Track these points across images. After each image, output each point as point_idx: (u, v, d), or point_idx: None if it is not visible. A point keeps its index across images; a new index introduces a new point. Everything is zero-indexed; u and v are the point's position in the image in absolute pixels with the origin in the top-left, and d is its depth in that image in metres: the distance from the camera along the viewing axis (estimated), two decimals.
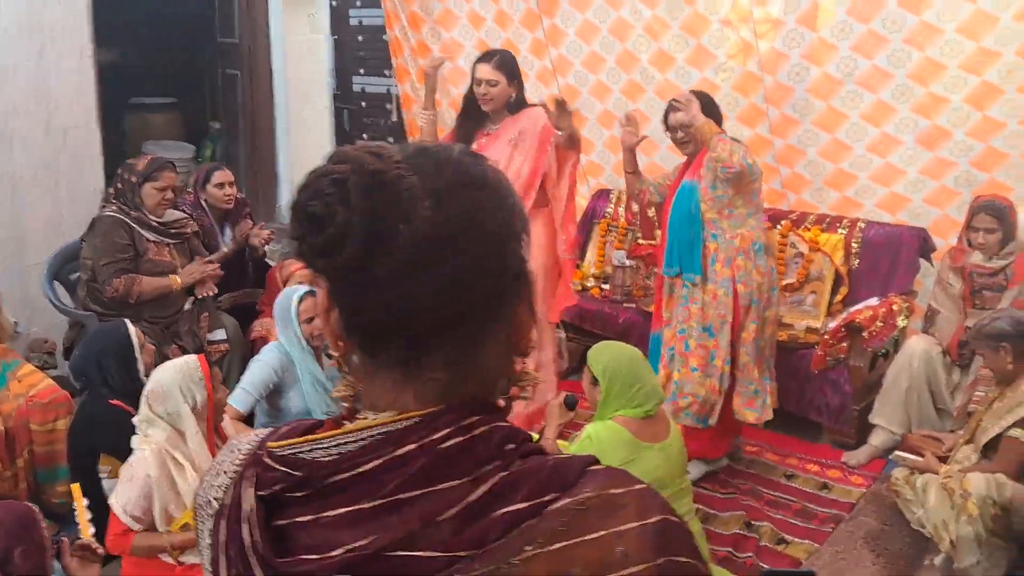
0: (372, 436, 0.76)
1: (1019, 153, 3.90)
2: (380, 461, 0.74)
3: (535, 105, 3.91)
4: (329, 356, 3.49)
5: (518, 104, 3.84)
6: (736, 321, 3.53)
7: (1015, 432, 2.99)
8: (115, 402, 3.05)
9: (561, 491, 0.74)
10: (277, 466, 0.78)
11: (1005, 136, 3.91)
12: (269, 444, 0.81)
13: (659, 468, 2.77)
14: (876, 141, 4.27)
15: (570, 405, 3.00)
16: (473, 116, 3.89)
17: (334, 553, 0.72)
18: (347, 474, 0.74)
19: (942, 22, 3.90)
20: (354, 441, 0.76)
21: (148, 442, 2.72)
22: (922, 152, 4.16)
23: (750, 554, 3.23)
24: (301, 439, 0.78)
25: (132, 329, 3.25)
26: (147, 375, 3.02)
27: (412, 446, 0.74)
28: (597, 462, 0.79)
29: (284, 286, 4.30)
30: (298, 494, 0.76)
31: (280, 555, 0.75)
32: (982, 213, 3.68)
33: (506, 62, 3.82)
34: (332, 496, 0.75)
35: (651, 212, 4.88)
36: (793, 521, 3.44)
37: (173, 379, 2.77)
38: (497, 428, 0.78)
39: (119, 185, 4.08)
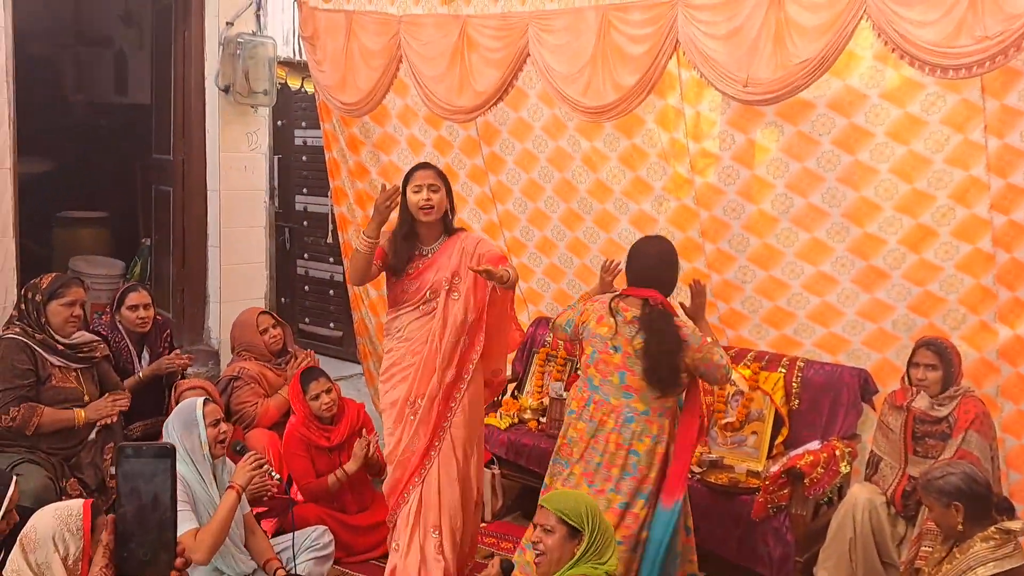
0: None
1: (956, 299, 3.86)
2: None
3: (463, 229, 3.80)
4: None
5: (451, 225, 3.69)
6: None
7: None
8: None
9: None
10: None
11: (942, 281, 3.88)
12: None
13: None
14: (813, 280, 4.22)
15: (507, 572, 2.77)
16: (409, 236, 3.67)
17: None
18: None
19: (876, 162, 3.91)
20: None
21: None
22: (860, 293, 4.11)
23: None
24: None
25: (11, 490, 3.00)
26: None
27: None
28: None
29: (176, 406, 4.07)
30: None
31: None
32: (923, 348, 3.61)
33: (443, 174, 3.70)
34: None
35: None
36: None
37: (48, 525, 2.49)
38: None
39: (23, 306, 3.86)
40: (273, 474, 3.50)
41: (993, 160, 3.61)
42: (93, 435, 3.88)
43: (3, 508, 2.75)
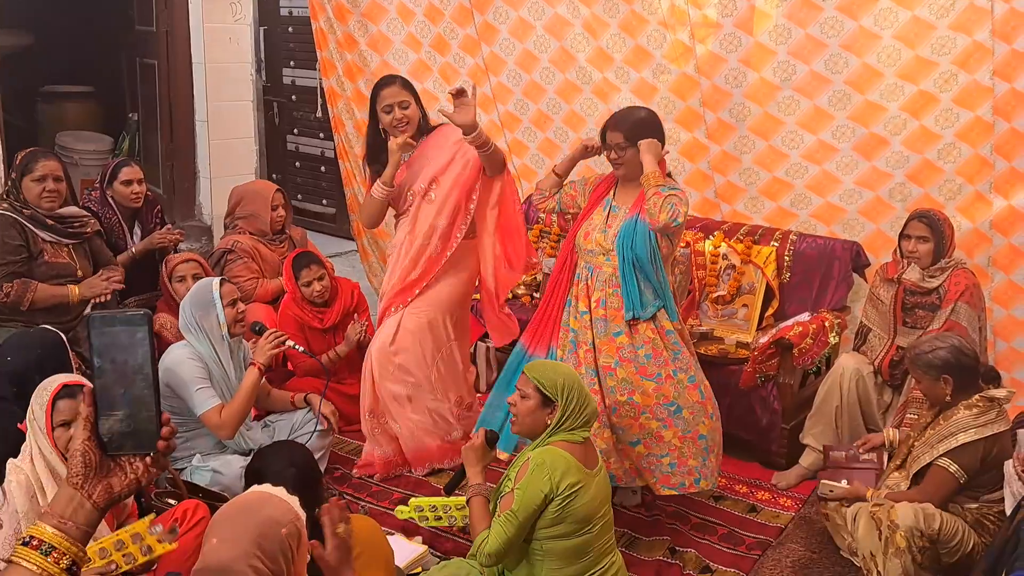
0: None
1: (953, 169, 3.81)
2: None
3: (443, 124, 3.62)
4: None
5: (424, 126, 3.59)
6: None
7: (944, 461, 2.89)
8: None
9: None
10: None
11: (940, 149, 3.82)
12: None
13: (595, 497, 2.63)
14: (812, 149, 4.16)
15: (492, 443, 2.83)
16: (382, 157, 3.58)
17: None
18: None
19: (879, 28, 3.80)
20: None
21: (20, 469, 2.47)
22: (859, 161, 4.06)
23: None
24: None
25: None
26: None
27: None
28: None
29: (169, 282, 4.07)
30: None
31: None
32: (915, 220, 3.56)
33: (408, 82, 3.59)
34: None
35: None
36: (719, 547, 3.29)
37: (35, 392, 2.56)
38: None
39: (8, 184, 3.83)
40: (298, 347, 3.60)
41: (998, 25, 3.50)
42: (89, 310, 3.90)
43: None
